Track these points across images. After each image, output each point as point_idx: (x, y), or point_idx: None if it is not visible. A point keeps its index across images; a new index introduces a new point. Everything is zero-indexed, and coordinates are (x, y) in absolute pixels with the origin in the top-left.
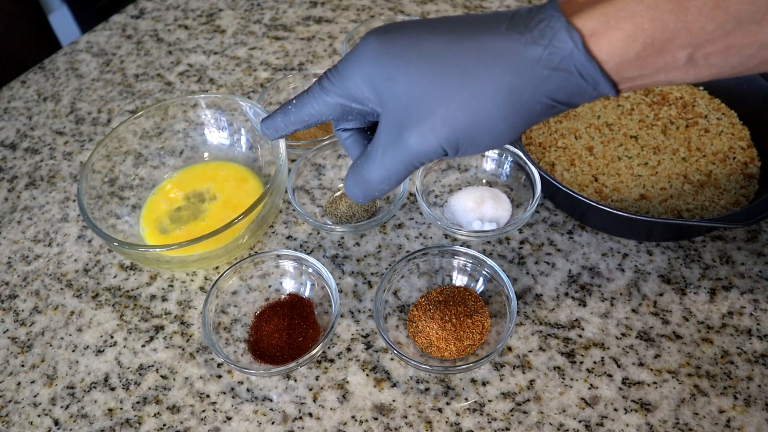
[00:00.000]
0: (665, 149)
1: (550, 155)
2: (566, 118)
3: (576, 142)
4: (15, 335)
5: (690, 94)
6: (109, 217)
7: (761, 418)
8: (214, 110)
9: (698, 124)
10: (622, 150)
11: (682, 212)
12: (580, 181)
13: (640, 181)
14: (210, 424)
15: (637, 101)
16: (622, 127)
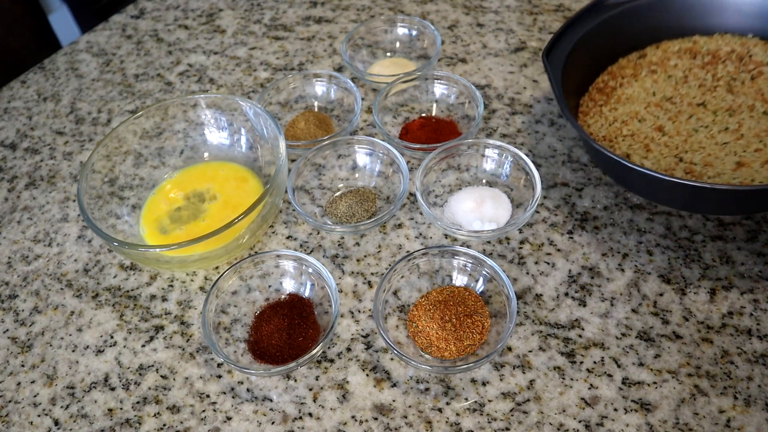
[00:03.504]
0: (740, 108)
1: (621, 146)
2: (620, 103)
3: (642, 126)
4: (15, 335)
5: (741, 44)
6: (109, 217)
7: (761, 418)
8: (214, 110)
9: (763, 73)
10: (694, 121)
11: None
12: (665, 165)
13: (730, 148)
14: (210, 424)
15: (687, 66)
16: (684, 98)
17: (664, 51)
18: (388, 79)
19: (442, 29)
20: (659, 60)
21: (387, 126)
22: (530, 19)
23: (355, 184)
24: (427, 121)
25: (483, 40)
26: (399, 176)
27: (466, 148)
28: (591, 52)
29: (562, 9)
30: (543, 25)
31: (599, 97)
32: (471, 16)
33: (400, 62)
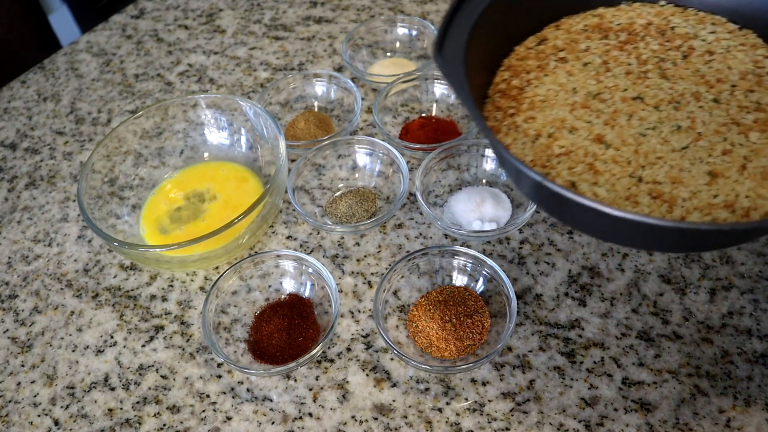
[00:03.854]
0: (684, 98)
1: (559, 172)
2: (535, 110)
3: (576, 138)
4: (15, 335)
5: (656, 15)
6: (109, 217)
7: (761, 418)
8: (214, 110)
9: (695, 49)
10: (637, 122)
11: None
12: (623, 190)
13: (693, 154)
14: (210, 424)
15: (602, 49)
16: (614, 91)
17: (567, 31)
18: (388, 79)
19: None
20: (565, 44)
21: (387, 126)
22: None
23: (355, 184)
24: (427, 121)
25: None
26: (399, 176)
27: (466, 148)
28: (490, 41)
29: None
30: None
31: (506, 103)
32: None
33: (400, 62)
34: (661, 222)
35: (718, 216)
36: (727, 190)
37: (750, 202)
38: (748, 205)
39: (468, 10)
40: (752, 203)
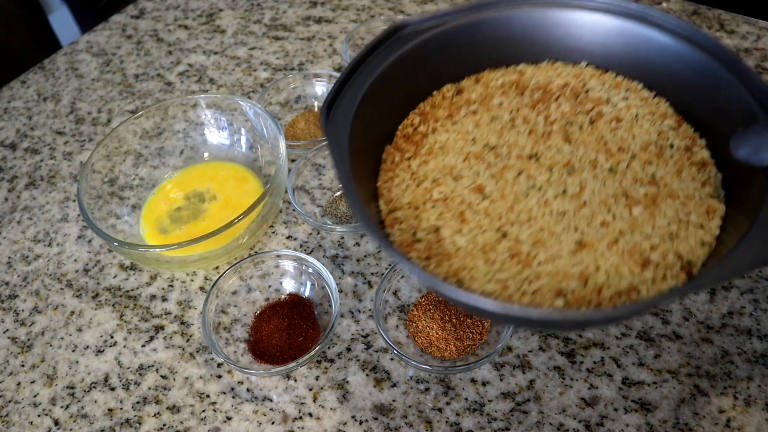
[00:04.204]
0: (581, 163)
1: (429, 215)
2: (431, 155)
3: (458, 186)
4: (15, 335)
5: (575, 76)
6: (109, 217)
7: (761, 418)
8: (214, 110)
9: (603, 115)
10: (524, 180)
11: (646, 255)
12: (483, 242)
13: (569, 221)
14: (210, 424)
15: (515, 106)
16: (512, 148)
17: (485, 86)
18: None
19: None
20: (480, 97)
21: None
22: None
23: None
24: None
25: None
26: None
27: None
28: (392, 98)
29: None
30: None
31: (407, 146)
32: None
33: None
34: (455, 293)
35: (567, 286)
36: (589, 262)
37: (605, 278)
38: (602, 281)
39: (371, 65)
40: (607, 280)
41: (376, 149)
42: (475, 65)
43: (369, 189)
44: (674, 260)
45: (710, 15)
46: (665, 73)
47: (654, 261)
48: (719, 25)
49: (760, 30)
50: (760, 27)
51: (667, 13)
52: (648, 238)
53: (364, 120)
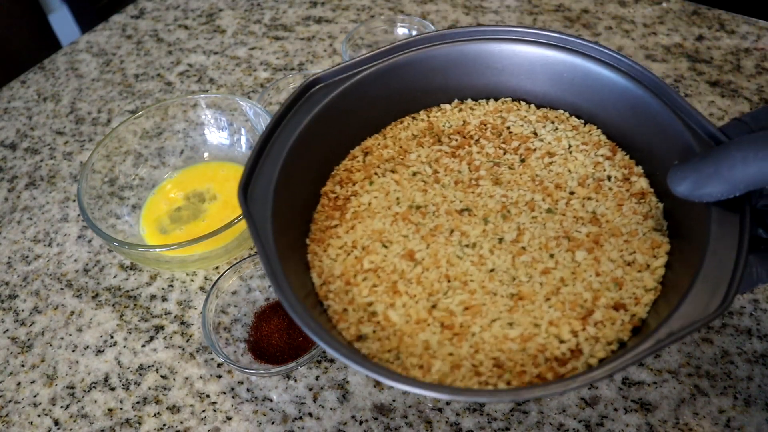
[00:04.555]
0: (516, 206)
1: (361, 290)
2: (357, 219)
3: (388, 253)
4: (15, 335)
5: (489, 113)
6: (109, 217)
7: (761, 418)
8: (214, 110)
9: (532, 150)
10: (457, 239)
11: (589, 306)
12: (417, 316)
13: (505, 275)
14: (210, 424)
15: (434, 156)
16: (439, 204)
17: (395, 139)
18: None
19: (441, 29)
20: (395, 153)
21: None
22: (530, 19)
23: None
24: None
25: None
26: None
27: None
28: (312, 163)
29: (562, 9)
30: (543, 25)
31: (332, 212)
32: (471, 16)
33: None
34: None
35: (506, 356)
36: (527, 321)
37: (545, 339)
38: (542, 344)
39: (277, 145)
40: (548, 341)
41: (303, 218)
42: (393, 113)
43: (301, 261)
44: (619, 314)
45: (710, 15)
46: (593, 100)
47: (597, 316)
48: (719, 25)
49: (760, 30)
50: (760, 27)
51: (591, 40)
52: (591, 287)
53: (286, 190)
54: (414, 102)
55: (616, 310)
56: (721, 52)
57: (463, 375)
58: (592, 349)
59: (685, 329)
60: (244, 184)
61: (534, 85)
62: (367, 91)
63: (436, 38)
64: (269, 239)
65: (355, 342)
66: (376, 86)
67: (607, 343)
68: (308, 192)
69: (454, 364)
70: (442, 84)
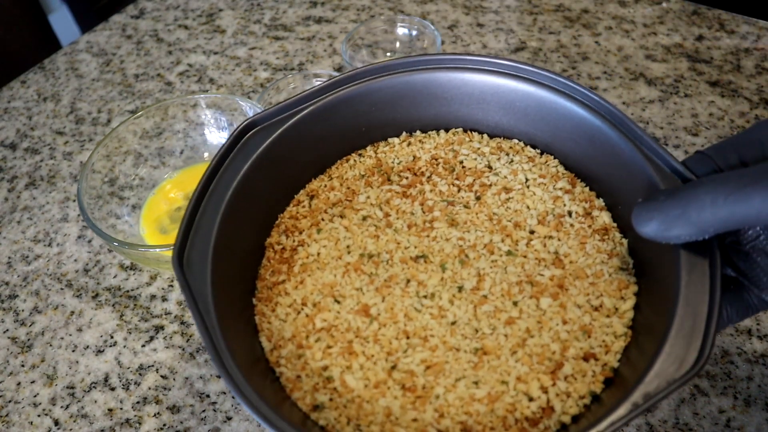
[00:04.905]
0: (475, 251)
1: (314, 354)
2: (307, 272)
3: (341, 309)
4: (15, 335)
5: (443, 144)
6: (109, 217)
7: (761, 418)
8: (214, 110)
9: (488, 186)
10: (414, 291)
11: (558, 358)
12: (376, 379)
13: (468, 327)
14: (210, 424)
15: (384, 198)
16: (393, 251)
17: (341, 179)
18: None
19: (442, 29)
20: (343, 196)
21: None
22: (530, 19)
23: None
24: None
25: (483, 40)
26: None
27: None
28: (254, 215)
29: (562, 9)
30: (543, 25)
31: (280, 268)
32: (471, 16)
33: None
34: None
35: (474, 420)
36: (494, 379)
37: (514, 398)
38: (511, 402)
39: (214, 200)
40: (516, 400)
41: (248, 275)
42: (338, 151)
43: (249, 324)
44: (589, 364)
45: (710, 15)
46: (548, 129)
47: (566, 369)
48: (719, 25)
49: (760, 30)
50: (760, 27)
51: (543, 67)
52: (558, 337)
53: (227, 249)
54: (359, 137)
55: (585, 360)
56: (721, 52)
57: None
58: (563, 406)
59: (661, 391)
60: (179, 250)
61: (486, 115)
62: (309, 131)
63: (379, 70)
64: (209, 308)
65: (312, 413)
66: (317, 124)
67: (579, 397)
68: (252, 245)
69: (418, 431)
70: (389, 117)
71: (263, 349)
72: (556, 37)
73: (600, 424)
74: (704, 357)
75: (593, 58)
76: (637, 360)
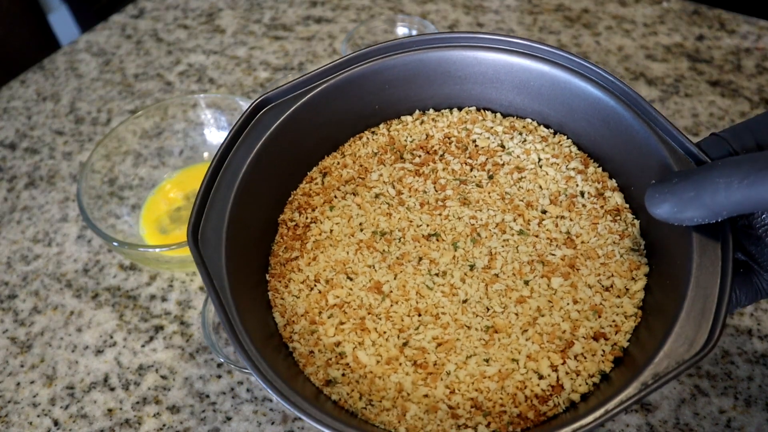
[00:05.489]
0: (487, 230)
1: (326, 330)
2: (319, 249)
3: (354, 286)
4: (14, 335)
5: (452, 125)
6: (109, 217)
7: (761, 418)
8: (214, 110)
9: (500, 165)
10: (426, 269)
11: (568, 338)
12: (387, 356)
13: (479, 305)
14: (210, 425)
15: (397, 176)
16: (406, 229)
17: (354, 157)
18: None
19: (442, 29)
20: (356, 173)
21: None
22: (530, 19)
23: None
24: None
25: None
26: None
27: None
28: (267, 192)
29: (563, 9)
30: (543, 25)
31: (293, 245)
32: (471, 15)
33: None
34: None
35: (484, 396)
36: (505, 356)
37: (524, 376)
38: (522, 380)
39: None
40: (527, 377)
41: (261, 252)
42: (351, 128)
43: (262, 299)
44: (599, 344)
45: (710, 14)
46: (562, 109)
47: (576, 349)
48: (720, 25)
49: (760, 29)
50: (761, 26)
51: (558, 47)
52: (569, 317)
53: (241, 225)
54: (372, 115)
55: (596, 340)
56: (722, 52)
57: (440, 419)
58: (573, 384)
59: (671, 372)
60: (193, 227)
61: (499, 94)
62: (322, 108)
63: (393, 48)
64: (225, 284)
65: (325, 387)
66: (330, 102)
67: (589, 376)
68: (265, 221)
69: (430, 407)
70: (402, 95)
71: (276, 324)
72: (557, 36)
73: (609, 402)
74: (714, 339)
75: (593, 58)
76: (647, 340)
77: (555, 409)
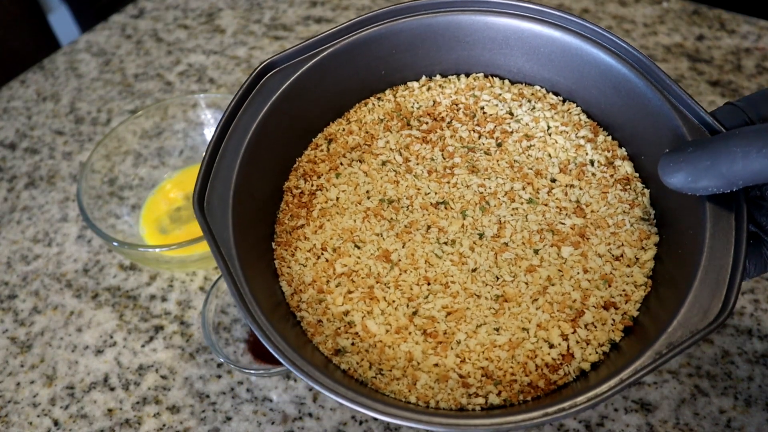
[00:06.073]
0: (496, 198)
1: (335, 299)
2: (326, 217)
3: (362, 255)
4: (14, 335)
5: (460, 91)
6: (109, 217)
7: (761, 418)
8: (214, 110)
9: (509, 132)
10: (435, 237)
11: (578, 307)
12: (397, 324)
13: (489, 274)
14: (210, 425)
15: (404, 143)
16: (414, 197)
17: (360, 123)
18: None
19: None
20: (361, 140)
21: None
22: None
23: None
24: None
25: None
26: None
27: None
28: (273, 158)
29: (562, 9)
30: None
31: (299, 212)
32: None
33: None
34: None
35: (495, 365)
36: (515, 325)
37: (535, 345)
38: (532, 349)
39: (232, 145)
40: (537, 346)
41: (267, 220)
42: (357, 94)
43: (268, 268)
44: (609, 313)
45: (710, 14)
46: (572, 76)
47: (587, 318)
48: (719, 25)
49: (760, 29)
50: (761, 26)
51: (571, 12)
52: (579, 286)
53: (247, 193)
54: (378, 81)
55: (606, 309)
56: (722, 52)
57: (451, 388)
58: (583, 353)
59: (686, 341)
60: (198, 195)
61: (508, 60)
62: (328, 73)
63: (401, 11)
64: (232, 252)
65: (334, 357)
66: (336, 67)
67: (599, 345)
68: (270, 189)
69: (440, 376)
70: (409, 61)
71: (283, 293)
72: None
73: (624, 371)
74: (728, 308)
75: None
76: (657, 310)
77: (565, 378)
